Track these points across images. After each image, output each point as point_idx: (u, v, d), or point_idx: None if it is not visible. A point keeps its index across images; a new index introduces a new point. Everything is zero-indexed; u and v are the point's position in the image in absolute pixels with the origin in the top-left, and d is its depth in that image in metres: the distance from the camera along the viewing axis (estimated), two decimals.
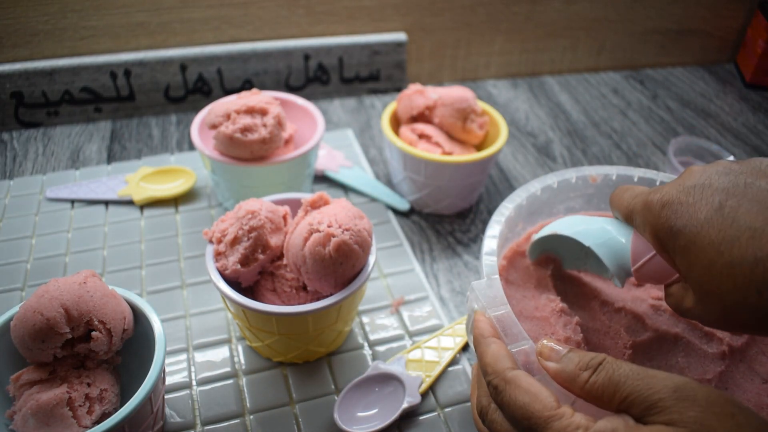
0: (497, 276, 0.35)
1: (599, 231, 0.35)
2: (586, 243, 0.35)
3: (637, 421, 0.25)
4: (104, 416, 0.35)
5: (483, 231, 0.59)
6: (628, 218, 0.34)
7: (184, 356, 0.45)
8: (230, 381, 0.44)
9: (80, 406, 0.34)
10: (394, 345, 0.47)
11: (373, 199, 0.61)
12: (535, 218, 0.45)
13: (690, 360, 0.38)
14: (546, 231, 0.39)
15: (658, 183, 0.43)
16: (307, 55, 0.75)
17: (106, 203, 0.59)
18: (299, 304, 0.42)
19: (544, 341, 0.30)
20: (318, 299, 0.41)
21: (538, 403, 0.27)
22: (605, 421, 0.25)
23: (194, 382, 0.44)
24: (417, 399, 0.42)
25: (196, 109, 0.73)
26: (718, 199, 0.28)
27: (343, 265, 0.40)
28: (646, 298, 0.41)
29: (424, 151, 0.56)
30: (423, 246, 0.57)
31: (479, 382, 0.34)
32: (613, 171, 0.43)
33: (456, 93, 0.58)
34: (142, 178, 0.61)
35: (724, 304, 0.27)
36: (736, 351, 0.38)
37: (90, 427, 0.34)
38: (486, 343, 0.32)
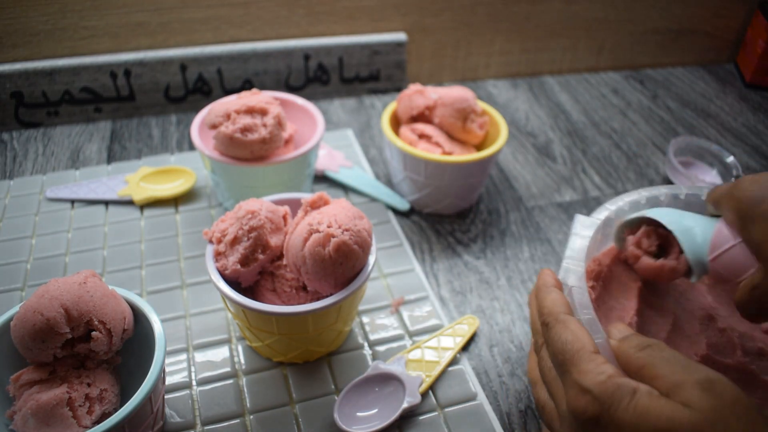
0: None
1: (684, 219, 0.37)
2: (669, 226, 0.36)
3: None
4: (104, 416, 0.35)
5: (483, 231, 0.59)
6: (717, 204, 0.35)
7: (184, 356, 0.45)
8: (230, 381, 0.44)
9: (80, 406, 0.34)
10: (394, 345, 0.47)
11: (373, 199, 0.61)
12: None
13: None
14: (634, 215, 0.40)
15: None
16: (307, 55, 0.75)
17: (106, 203, 0.59)
18: (299, 304, 0.42)
19: (617, 323, 0.33)
20: (318, 299, 0.41)
21: (577, 342, 0.30)
22: (631, 380, 0.27)
23: (194, 382, 0.44)
24: (417, 399, 0.42)
25: (196, 109, 0.73)
26: None
27: (342, 266, 0.40)
28: (756, 327, 0.41)
29: (424, 151, 0.56)
30: (423, 246, 0.57)
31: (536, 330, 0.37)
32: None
33: (456, 93, 0.58)
34: (142, 178, 0.61)
35: None
36: None
37: (90, 427, 0.34)
38: (548, 290, 0.35)
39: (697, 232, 0.36)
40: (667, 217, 0.37)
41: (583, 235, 0.38)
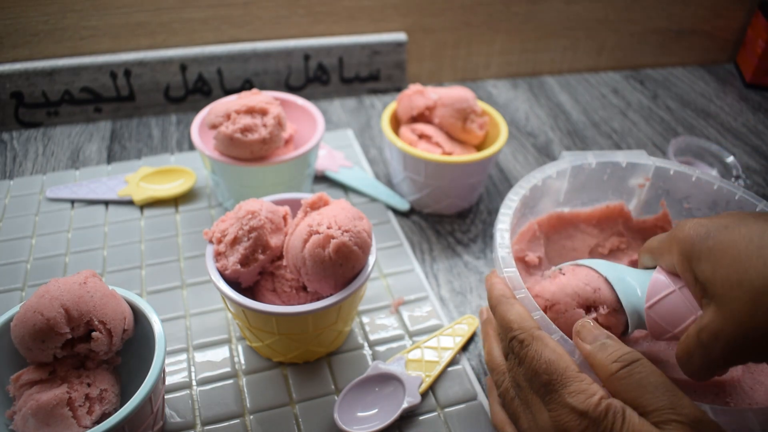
0: (515, 269, 0.36)
1: (620, 270, 0.36)
2: (604, 273, 0.36)
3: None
4: (104, 416, 0.35)
5: (483, 231, 0.59)
6: (654, 252, 0.34)
7: (184, 356, 0.45)
8: (230, 381, 0.44)
9: (80, 406, 0.34)
10: (394, 345, 0.47)
11: (373, 199, 0.61)
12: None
13: None
14: (566, 264, 0.39)
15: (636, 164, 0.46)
16: (307, 55, 0.75)
17: (106, 203, 0.59)
18: (299, 304, 0.42)
19: (586, 320, 0.31)
20: (318, 299, 0.41)
21: (562, 361, 0.29)
22: (617, 401, 0.27)
23: (194, 382, 0.44)
24: (417, 399, 0.42)
25: (196, 109, 0.73)
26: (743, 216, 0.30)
27: (342, 267, 0.40)
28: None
29: (424, 151, 0.56)
30: (423, 246, 0.57)
31: (492, 337, 0.35)
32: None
33: (456, 93, 0.58)
34: (142, 178, 0.61)
35: (753, 291, 0.26)
36: None
37: (90, 427, 0.34)
38: (510, 303, 0.33)
39: (632, 281, 0.35)
40: (602, 266, 0.36)
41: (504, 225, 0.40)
